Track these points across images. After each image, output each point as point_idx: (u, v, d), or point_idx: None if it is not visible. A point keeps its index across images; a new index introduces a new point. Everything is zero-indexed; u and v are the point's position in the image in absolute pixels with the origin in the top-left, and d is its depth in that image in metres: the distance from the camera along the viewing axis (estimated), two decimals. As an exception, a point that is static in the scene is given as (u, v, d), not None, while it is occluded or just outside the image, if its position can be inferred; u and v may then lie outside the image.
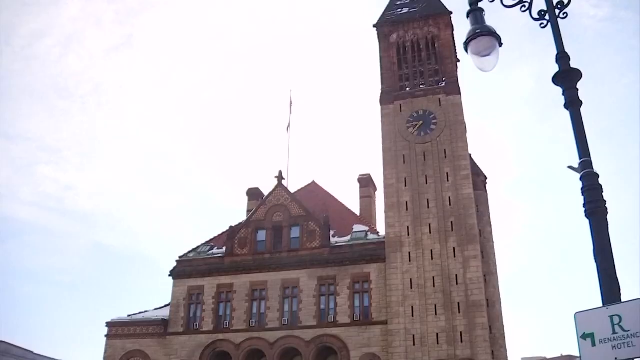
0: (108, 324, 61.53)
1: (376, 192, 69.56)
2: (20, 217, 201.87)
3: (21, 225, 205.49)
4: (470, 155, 56.74)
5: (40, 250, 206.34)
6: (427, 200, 54.64)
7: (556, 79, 10.60)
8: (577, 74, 10.52)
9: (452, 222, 53.22)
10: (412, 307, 51.35)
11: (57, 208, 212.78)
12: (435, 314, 50.66)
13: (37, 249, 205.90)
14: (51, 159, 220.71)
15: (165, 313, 60.27)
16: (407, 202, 55.08)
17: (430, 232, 53.41)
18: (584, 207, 9.69)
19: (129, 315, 62.15)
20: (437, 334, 50.02)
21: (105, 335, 61.05)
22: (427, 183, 55.24)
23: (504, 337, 54.29)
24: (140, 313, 62.42)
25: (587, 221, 9.59)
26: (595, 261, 9.22)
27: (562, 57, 10.66)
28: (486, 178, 60.74)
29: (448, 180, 54.84)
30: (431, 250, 52.75)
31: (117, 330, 60.82)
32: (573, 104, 10.31)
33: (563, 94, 10.47)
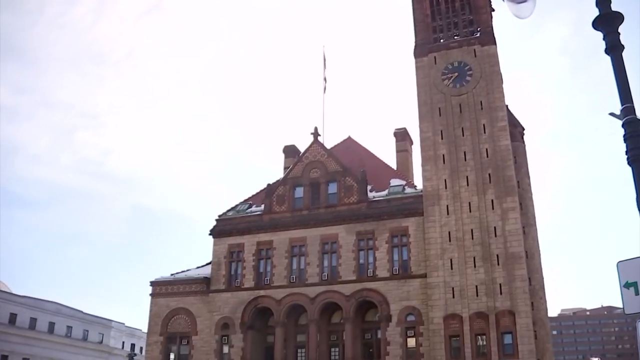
0: (152, 283, 62.89)
1: (412, 146, 69.27)
2: (62, 182, 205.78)
3: (63, 190, 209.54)
4: (507, 106, 55.97)
5: (82, 214, 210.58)
6: (464, 152, 54.19)
7: (596, 23, 10.27)
8: (618, 17, 10.17)
9: (489, 174, 52.81)
10: (451, 259, 51.41)
11: (97, 172, 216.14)
12: (474, 266, 50.65)
13: (79, 212, 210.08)
14: (89, 124, 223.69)
15: (207, 271, 61.33)
16: (444, 155, 54.73)
17: (467, 185, 53.11)
18: (626, 154, 9.52)
19: (172, 274, 63.36)
20: (477, 286, 50.10)
21: (150, 294, 62.46)
22: (463, 135, 54.73)
23: (544, 289, 54.22)
24: (182, 272, 63.60)
25: (629, 169, 9.44)
26: (638, 209, 9.10)
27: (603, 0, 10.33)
28: (523, 129, 59.93)
29: (485, 132, 54.23)
30: (469, 203, 52.53)
31: (161, 289, 62.14)
32: (614, 48, 10.02)
33: (604, 39, 10.17)
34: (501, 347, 48.17)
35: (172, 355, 59.83)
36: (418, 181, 59.44)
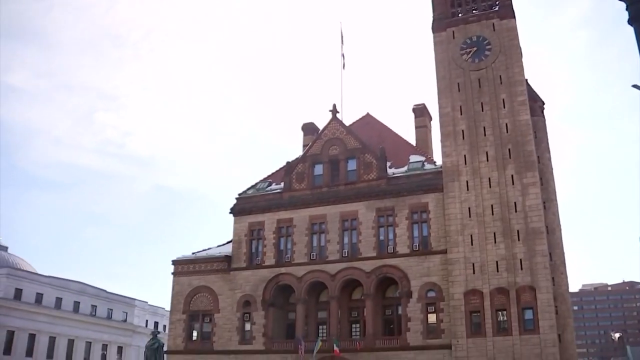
0: (174, 262, 63.44)
1: (432, 122, 68.89)
2: (83, 163, 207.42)
3: (85, 172, 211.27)
4: (526, 80, 55.46)
5: (105, 195, 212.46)
6: (484, 127, 53.92)
7: (620, -7, 10.06)
8: (643, -14, 9.95)
9: (509, 149, 52.54)
10: (471, 235, 51.38)
11: (118, 154, 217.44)
12: (495, 242, 50.60)
13: (102, 193, 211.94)
14: (109, 106, 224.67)
15: (228, 249, 61.74)
16: (463, 131, 54.49)
17: (487, 160, 52.90)
18: (649, 125, 9.39)
19: (193, 253, 63.83)
20: (497, 262, 50.08)
21: (172, 273, 63.05)
22: (483, 110, 54.42)
23: (565, 264, 54.02)
24: (203, 250, 64.06)
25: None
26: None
27: (626, -31, 10.12)
28: (543, 103, 59.41)
29: (504, 107, 53.89)
30: (489, 178, 52.35)
31: (183, 267, 62.69)
32: (638, 19, 9.86)
33: (627, 9, 9.99)
34: (522, 323, 48.25)
35: (194, 333, 60.54)
36: (437, 157, 59.31)
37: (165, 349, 55.91)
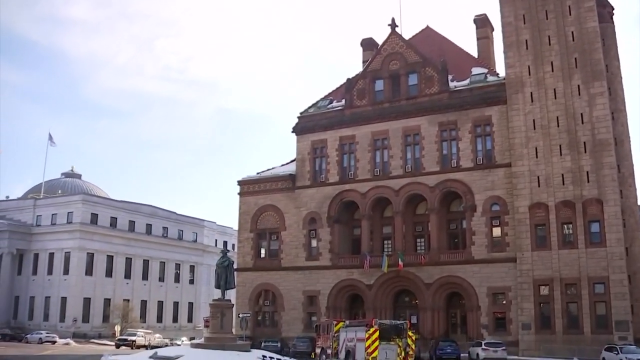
0: (239, 183, 64.88)
1: (494, 33, 66.98)
2: (147, 90, 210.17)
3: (149, 99, 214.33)
4: (594, -16, 53.10)
5: (170, 120, 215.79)
6: (549, 36, 52.28)
7: None
8: None
9: (575, 59, 50.95)
10: (536, 148, 50.69)
11: (180, 79, 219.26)
12: (560, 154, 49.83)
13: (166, 119, 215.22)
14: (169, 32, 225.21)
15: (291, 168, 62.70)
16: (526, 40, 52.99)
17: (552, 71, 51.52)
18: None
19: (258, 173, 65.01)
20: (563, 175, 49.46)
21: (238, 193, 64.56)
22: (547, 19, 52.63)
23: (634, 176, 52.91)
24: (268, 170, 65.16)
25: None
26: None
27: None
28: (613, 9, 56.95)
29: (570, 14, 51.96)
30: (554, 89, 51.11)
31: (249, 187, 64.10)
32: None
33: None
34: (588, 236, 47.95)
35: (262, 250, 62.37)
36: (500, 69, 58.11)
37: (235, 266, 57.80)
